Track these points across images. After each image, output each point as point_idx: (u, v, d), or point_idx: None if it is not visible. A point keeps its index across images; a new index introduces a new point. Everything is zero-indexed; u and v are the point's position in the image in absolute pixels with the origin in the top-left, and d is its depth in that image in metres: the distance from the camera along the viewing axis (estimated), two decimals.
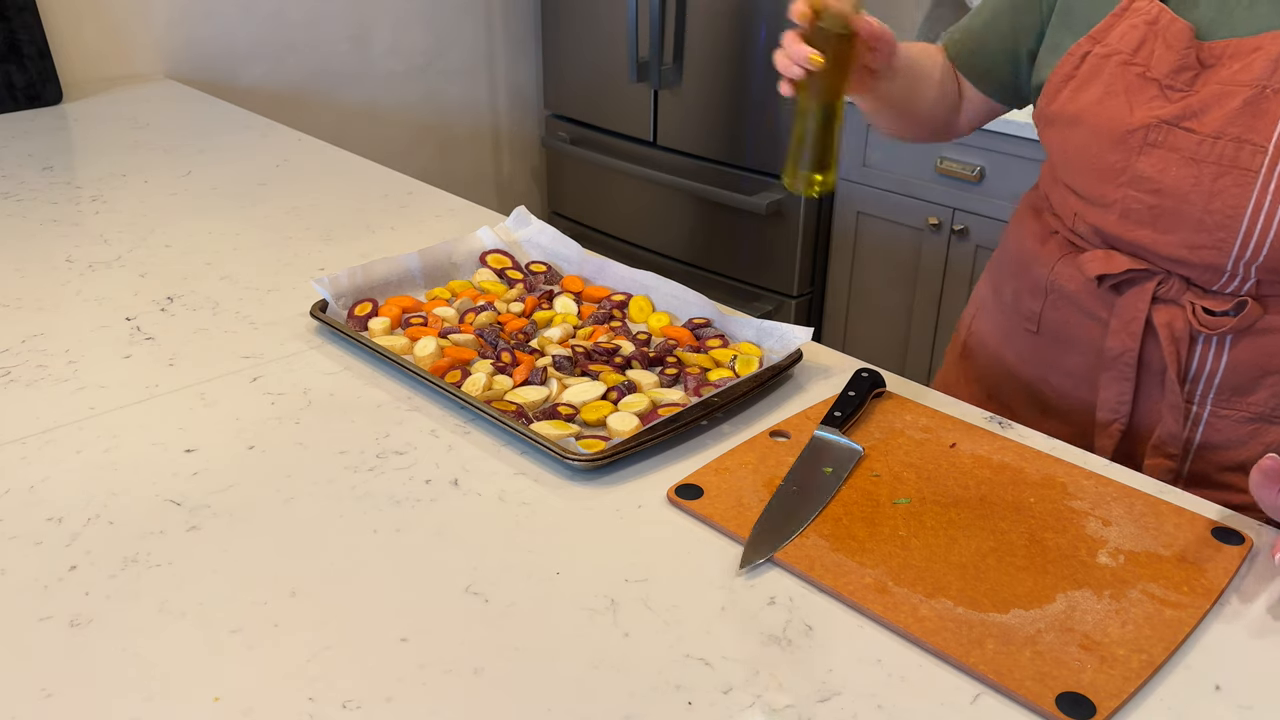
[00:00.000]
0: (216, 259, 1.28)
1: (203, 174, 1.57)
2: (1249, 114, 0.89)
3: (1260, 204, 0.89)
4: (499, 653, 0.69)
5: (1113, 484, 0.86)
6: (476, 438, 0.92)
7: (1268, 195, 0.88)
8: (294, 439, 0.91)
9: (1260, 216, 0.89)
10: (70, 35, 2.04)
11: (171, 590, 0.73)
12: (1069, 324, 1.06)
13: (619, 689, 0.66)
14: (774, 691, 0.66)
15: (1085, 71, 0.98)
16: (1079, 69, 0.99)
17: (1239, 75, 0.89)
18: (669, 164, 2.49)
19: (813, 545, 0.78)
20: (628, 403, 0.95)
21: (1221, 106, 0.90)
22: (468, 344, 1.04)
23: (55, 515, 0.81)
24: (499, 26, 2.75)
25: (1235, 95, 0.89)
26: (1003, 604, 0.73)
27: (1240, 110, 0.89)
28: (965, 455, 0.90)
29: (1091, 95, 0.97)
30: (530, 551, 0.78)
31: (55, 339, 1.08)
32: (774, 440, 0.92)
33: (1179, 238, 0.94)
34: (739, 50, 2.26)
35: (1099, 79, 0.97)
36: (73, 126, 1.82)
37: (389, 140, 2.61)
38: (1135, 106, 0.94)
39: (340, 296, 1.10)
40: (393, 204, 1.47)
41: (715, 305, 1.11)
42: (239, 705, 0.64)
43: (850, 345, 2.34)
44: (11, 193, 1.48)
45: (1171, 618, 0.72)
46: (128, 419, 0.94)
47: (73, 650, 0.68)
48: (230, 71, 2.29)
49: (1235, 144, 0.89)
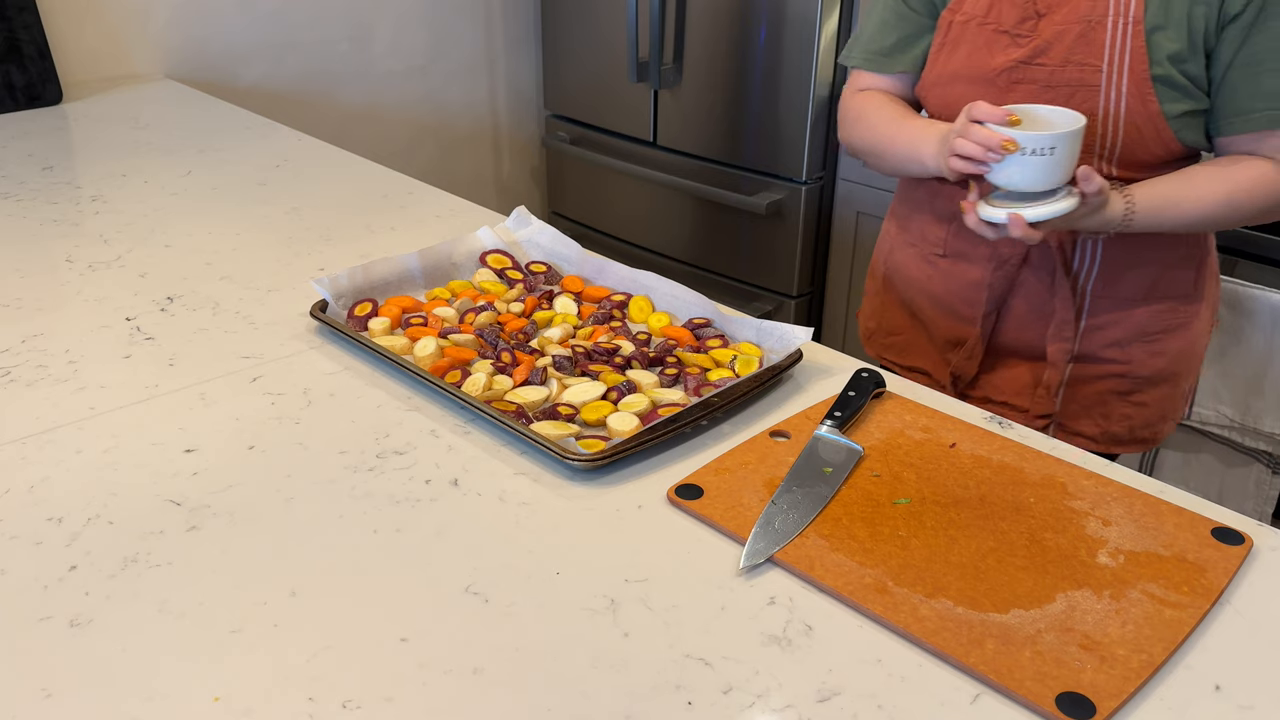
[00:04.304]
0: (216, 259, 1.28)
1: (203, 174, 1.57)
2: (1083, 43, 1.12)
3: (1107, 108, 1.12)
4: (499, 653, 0.69)
5: (1113, 484, 0.86)
6: (476, 438, 0.92)
7: (1110, 100, 1.12)
8: (294, 439, 0.91)
9: (1110, 117, 1.12)
10: (70, 35, 2.04)
11: (171, 590, 0.73)
12: (968, 244, 1.27)
13: (619, 689, 0.66)
14: (774, 691, 0.66)
15: (952, 38, 1.21)
16: (947, 36, 1.22)
17: (1069, 15, 1.13)
18: (669, 164, 2.49)
19: (813, 545, 0.78)
20: (628, 403, 0.95)
21: (1061, 41, 1.13)
22: (468, 344, 1.04)
23: (55, 515, 0.81)
24: (499, 26, 2.75)
25: (1070, 31, 1.13)
26: (1003, 604, 0.73)
27: (1076, 41, 1.12)
28: (965, 455, 0.90)
29: (961, 55, 1.20)
30: (530, 551, 0.78)
31: (55, 339, 1.08)
32: (774, 440, 0.92)
33: None
34: (739, 50, 2.26)
35: (964, 40, 1.20)
36: (73, 126, 1.82)
37: (389, 140, 2.61)
38: (995, 55, 1.17)
39: (340, 296, 1.10)
40: (393, 204, 1.47)
41: (715, 305, 1.11)
42: (239, 705, 0.64)
43: (850, 345, 2.34)
44: (11, 193, 1.48)
45: (1171, 618, 0.72)
46: (128, 419, 0.94)
47: (73, 650, 0.68)
48: (230, 71, 2.29)
49: (1078, 68, 1.13)
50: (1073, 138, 1.01)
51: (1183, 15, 1.08)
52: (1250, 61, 1.08)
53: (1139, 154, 1.14)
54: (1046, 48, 1.14)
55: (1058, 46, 1.14)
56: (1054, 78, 1.14)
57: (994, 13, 1.18)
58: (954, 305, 1.30)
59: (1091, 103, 1.12)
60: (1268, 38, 1.07)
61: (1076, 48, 1.13)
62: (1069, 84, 1.13)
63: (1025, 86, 1.16)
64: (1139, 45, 1.10)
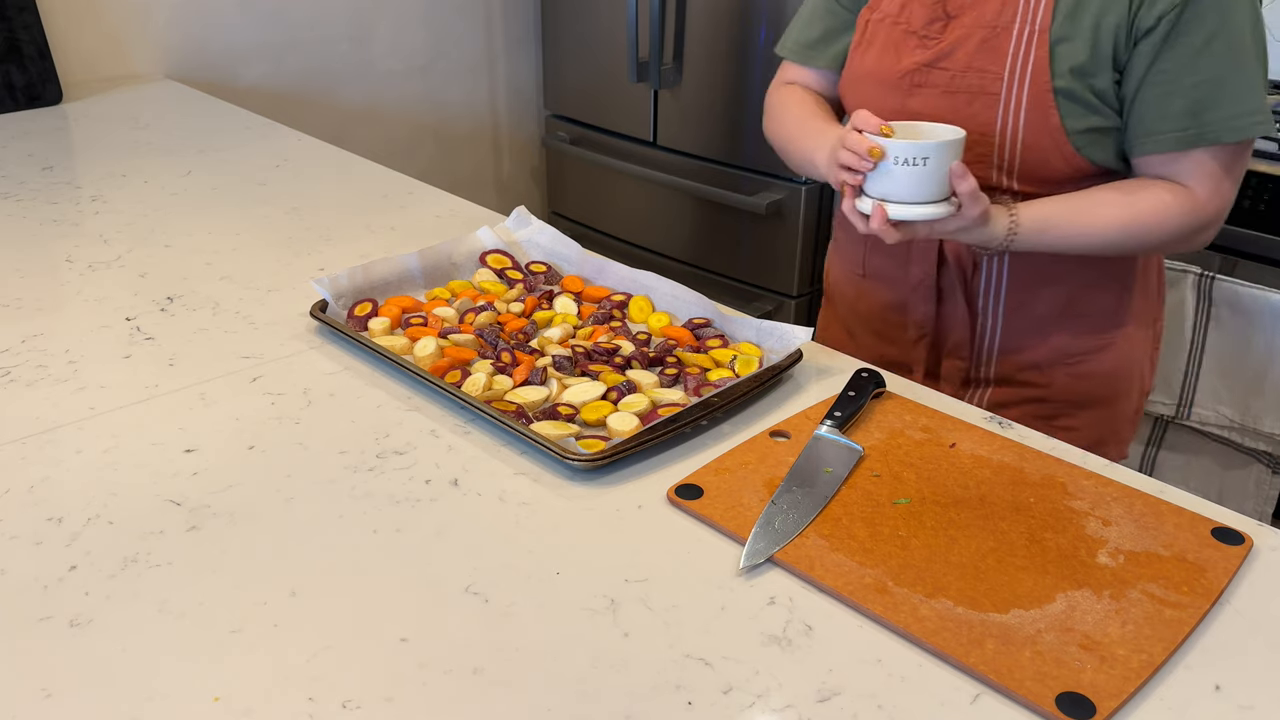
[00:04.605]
0: (216, 259, 1.28)
1: (203, 174, 1.57)
2: (987, 50, 1.08)
3: (1005, 120, 1.07)
4: (499, 653, 0.69)
5: (1113, 484, 0.86)
6: (476, 438, 0.92)
7: (1009, 111, 1.07)
8: (294, 439, 0.91)
9: (1008, 129, 1.07)
10: (70, 35, 2.04)
11: (171, 590, 0.73)
12: (884, 265, 1.25)
13: (619, 689, 0.66)
14: (774, 691, 0.66)
15: (868, 36, 1.18)
16: (864, 35, 1.19)
17: (976, 20, 1.09)
18: (669, 164, 2.49)
19: (813, 545, 0.78)
20: (628, 403, 0.95)
21: (964, 47, 1.09)
22: (468, 344, 1.04)
23: (55, 515, 0.81)
24: (499, 26, 2.75)
25: (974, 36, 1.09)
26: (1003, 604, 0.73)
27: (979, 47, 1.08)
28: (965, 455, 0.90)
29: (873, 54, 1.17)
30: (530, 551, 0.78)
31: (55, 339, 1.08)
32: (774, 440, 0.92)
33: None
34: (739, 50, 2.25)
35: (877, 40, 1.17)
36: (73, 126, 1.82)
37: (389, 140, 2.62)
38: (902, 56, 1.14)
39: (340, 296, 1.10)
40: (393, 204, 1.47)
41: (715, 305, 1.11)
42: (239, 705, 0.64)
43: None
44: (11, 193, 1.48)
45: (1171, 618, 0.72)
46: (128, 419, 0.94)
47: (73, 650, 0.68)
48: (230, 71, 2.29)
49: (979, 74, 1.08)
50: (944, 149, 0.96)
51: (1090, 27, 1.03)
52: (1161, 80, 1.02)
53: (1039, 169, 1.08)
54: (950, 52, 1.10)
55: (961, 51, 1.09)
56: (955, 83, 1.10)
57: (906, 13, 1.15)
58: (879, 328, 1.28)
59: (990, 112, 1.08)
60: (1180, 55, 1.00)
61: (979, 54, 1.08)
62: (969, 90, 1.09)
63: (927, 91, 1.12)
64: (1042, 55, 1.04)
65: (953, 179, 0.98)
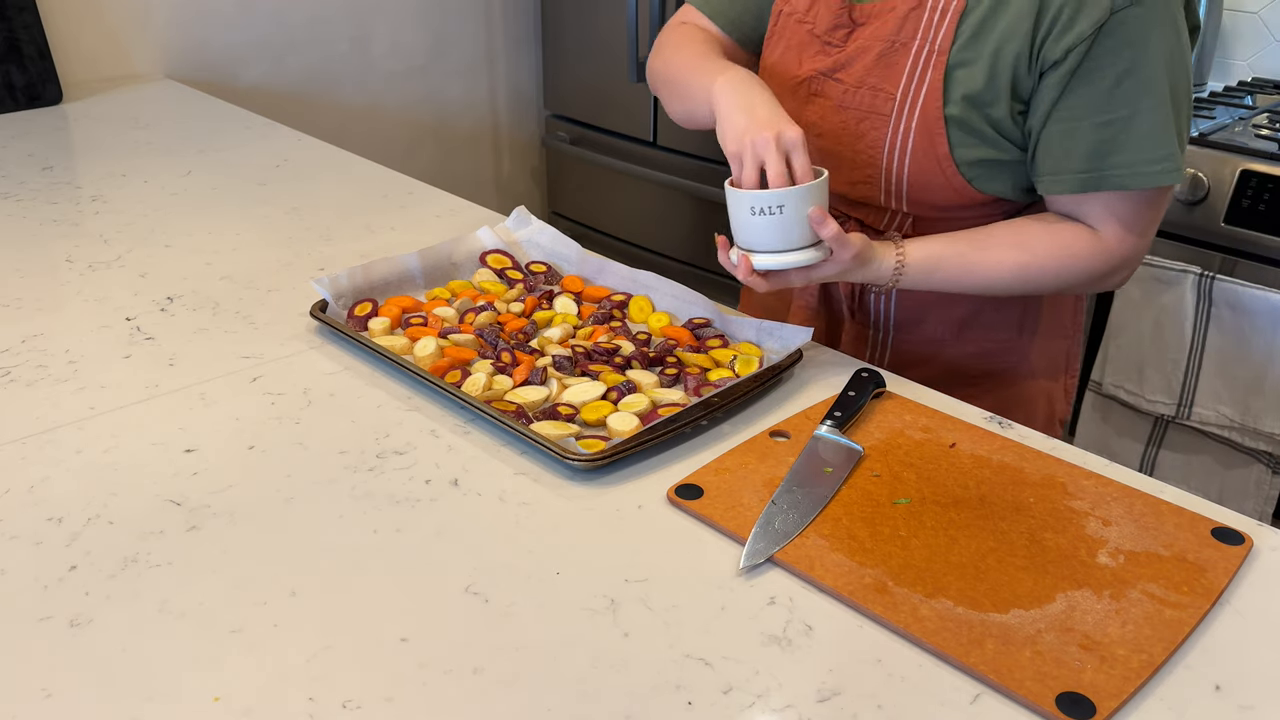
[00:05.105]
0: (216, 259, 1.28)
1: (203, 174, 1.58)
2: (882, 66, 1.01)
3: (894, 143, 1.01)
4: (499, 653, 0.69)
5: (1113, 484, 0.86)
6: (476, 438, 0.92)
7: (899, 135, 1.00)
8: (294, 439, 0.91)
9: (895, 153, 1.01)
10: (70, 35, 2.04)
11: (171, 590, 0.73)
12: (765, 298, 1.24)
13: (619, 689, 0.66)
14: (774, 691, 0.66)
15: (778, 29, 1.11)
16: (775, 26, 1.12)
17: (877, 32, 1.01)
18: (669, 164, 2.49)
19: (813, 545, 0.78)
20: (628, 403, 0.95)
21: (862, 60, 1.02)
22: (468, 344, 1.04)
23: (55, 515, 0.81)
24: (499, 26, 2.75)
25: (872, 49, 1.01)
26: (1003, 604, 0.73)
27: (875, 63, 1.01)
28: (965, 455, 0.90)
29: (777, 51, 1.11)
30: (530, 551, 0.78)
31: (55, 339, 1.08)
32: (774, 440, 0.92)
33: (842, 176, 1.07)
34: None
35: (784, 36, 1.10)
36: (73, 126, 1.82)
37: (389, 140, 2.62)
38: (803, 60, 1.08)
39: (340, 296, 1.10)
40: (393, 204, 1.47)
41: (715, 305, 1.11)
42: (239, 705, 0.64)
43: None
44: (11, 193, 1.48)
45: (1171, 618, 0.72)
46: (128, 419, 0.94)
47: (73, 650, 0.68)
48: (230, 71, 2.29)
49: (872, 92, 1.02)
50: (800, 196, 0.91)
51: (990, 53, 0.95)
52: (1066, 116, 0.95)
53: (926, 195, 1.02)
54: (848, 63, 1.03)
55: (859, 64, 1.02)
56: (847, 98, 1.03)
57: (812, 13, 1.07)
58: None
59: (879, 133, 1.01)
60: (1088, 92, 0.93)
61: (874, 70, 1.01)
62: (859, 108, 1.02)
63: (822, 102, 1.05)
64: (937, 79, 0.97)
65: (813, 225, 0.92)
